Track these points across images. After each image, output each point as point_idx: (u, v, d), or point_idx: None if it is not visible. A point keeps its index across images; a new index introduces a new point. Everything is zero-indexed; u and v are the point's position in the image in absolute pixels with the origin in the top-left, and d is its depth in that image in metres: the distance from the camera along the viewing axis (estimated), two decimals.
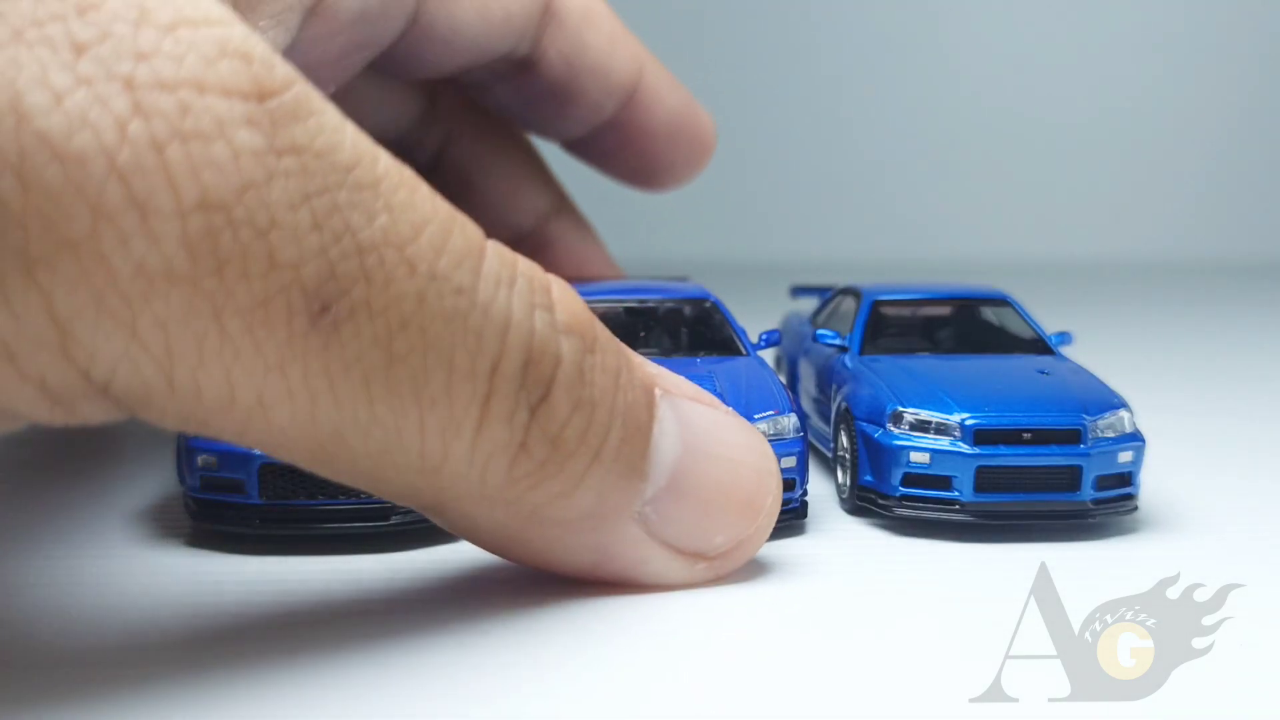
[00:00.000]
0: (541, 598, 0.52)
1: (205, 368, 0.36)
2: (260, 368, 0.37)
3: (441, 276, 0.39)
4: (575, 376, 0.43)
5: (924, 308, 0.79)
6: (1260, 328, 1.45)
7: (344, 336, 0.37)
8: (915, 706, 0.43)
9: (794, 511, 0.62)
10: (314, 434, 0.39)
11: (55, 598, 0.52)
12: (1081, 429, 0.62)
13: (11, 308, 0.34)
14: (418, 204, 0.39)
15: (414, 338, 0.39)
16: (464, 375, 0.40)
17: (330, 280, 0.37)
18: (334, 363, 0.38)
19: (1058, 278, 1.76)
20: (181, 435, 0.60)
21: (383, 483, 0.42)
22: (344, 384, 0.38)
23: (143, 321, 0.35)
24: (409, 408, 0.39)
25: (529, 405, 0.42)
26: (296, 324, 0.37)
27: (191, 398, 0.37)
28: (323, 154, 0.37)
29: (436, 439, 0.40)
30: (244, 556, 0.57)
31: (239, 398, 0.37)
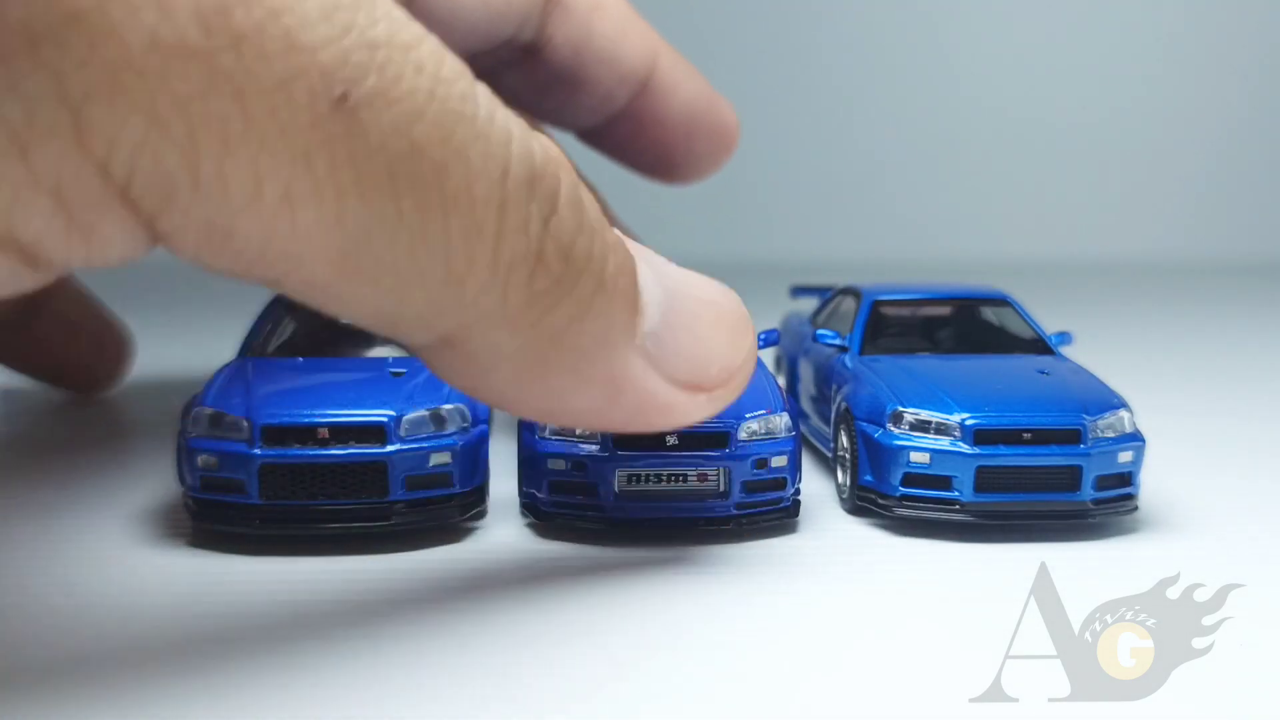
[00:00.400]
0: (541, 597, 0.52)
1: (231, 154, 0.34)
2: (286, 155, 0.35)
3: (446, 81, 0.39)
4: (575, 198, 0.43)
5: (924, 308, 0.79)
6: (1260, 328, 1.45)
7: (365, 122, 0.36)
8: (915, 706, 0.43)
9: (785, 510, 0.62)
10: (340, 237, 0.37)
11: (55, 598, 0.52)
12: (1081, 429, 0.62)
13: (19, 91, 0.32)
14: (411, 24, 0.39)
15: (430, 129, 0.38)
16: (480, 175, 0.39)
17: (345, 67, 0.36)
18: (358, 150, 0.36)
19: (1058, 278, 1.76)
20: (181, 435, 0.60)
21: (405, 304, 0.40)
22: (369, 175, 0.37)
23: (162, 101, 0.33)
24: (434, 204, 0.38)
25: (541, 216, 0.41)
26: (319, 107, 0.35)
27: (218, 193, 0.35)
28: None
29: (461, 241, 0.39)
30: (244, 556, 0.57)
31: (266, 191, 0.35)
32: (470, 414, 0.62)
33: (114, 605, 0.52)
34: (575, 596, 0.53)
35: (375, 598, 0.52)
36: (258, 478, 0.58)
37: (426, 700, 0.42)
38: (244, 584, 0.54)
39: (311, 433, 0.58)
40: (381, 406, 0.60)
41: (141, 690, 0.43)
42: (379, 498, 0.58)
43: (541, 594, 0.53)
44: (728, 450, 0.60)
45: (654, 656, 0.46)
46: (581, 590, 0.53)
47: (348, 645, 0.47)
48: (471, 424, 0.62)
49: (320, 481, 0.58)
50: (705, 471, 0.60)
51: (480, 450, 0.62)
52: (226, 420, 0.59)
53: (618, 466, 0.60)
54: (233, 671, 0.44)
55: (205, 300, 1.55)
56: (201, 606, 0.52)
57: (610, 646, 0.47)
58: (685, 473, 0.60)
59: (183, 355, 1.08)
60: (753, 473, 0.61)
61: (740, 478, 0.60)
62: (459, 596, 0.52)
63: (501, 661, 0.46)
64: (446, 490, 0.60)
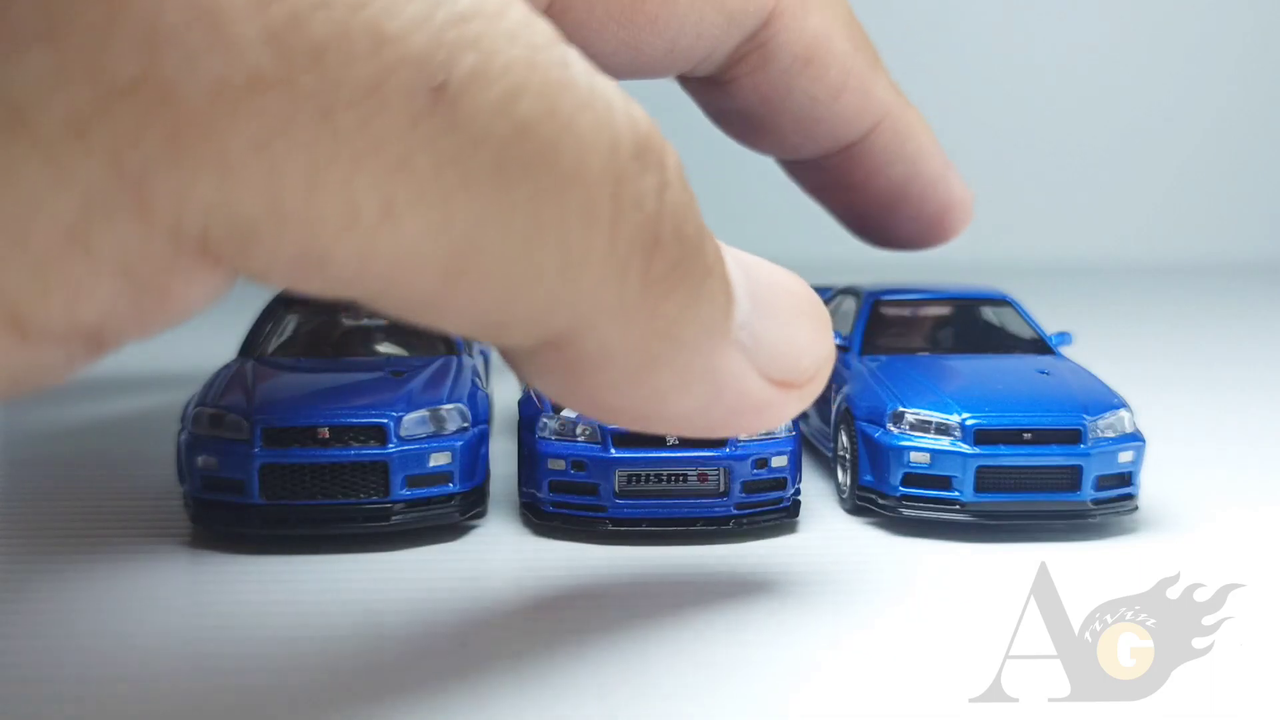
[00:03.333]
0: (541, 597, 0.52)
1: (321, 182, 0.31)
2: (384, 167, 0.32)
3: (542, 48, 0.35)
4: (680, 169, 0.39)
5: (924, 308, 0.79)
6: (1260, 328, 1.45)
7: (467, 111, 0.33)
8: (915, 706, 0.43)
9: (785, 510, 0.62)
10: (449, 242, 0.34)
11: (55, 598, 0.52)
12: (1082, 429, 0.62)
13: (72, 184, 0.29)
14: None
15: (536, 104, 0.34)
16: (591, 149, 0.35)
17: (440, 50, 0.32)
18: (463, 142, 0.33)
19: (1058, 278, 1.76)
20: (181, 435, 0.60)
21: (516, 304, 0.37)
22: (477, 167, 0.33)
23: (234, 148, 0.30)
24: (548, 187, 0.35)
25: (655, 191, 0.37)
26: (417, 103, 0.32)
27: (307, 224, 0.31)
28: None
29: (578, 226, 0.36)
30: (244, 556, 0.57)
31: (363, 210, 0.32)
32: (470, 414, 0.62)
33: (113, 605, 0.52)
34: (575, 596, 0.52)
35: (375, 598, 0.52)
36: (258, 478, 0.58)
37: (426, 699, 0.42)
38: (244, 584, 0.54)
39: (312, 433, 0.58)
40: (382, 406, 0.60)
41: (142, 690, 0.43)
42: (379, 498, 0.58)
43: (541, 594, 0.53)
44: (728, 450, 0.60)
45: (654, 656, 0.46)
46: (581, 590, 0.53)
47: (348, 645, 0.47)
48: (471, 424, 0.62)
49: (321, 481, 0.58)
50: (705, 471, 0.60)
51: (480, 450, 0.62)
52: (227, 420, 0.59)
53: (618, 466, 0.60)
54: (233, 671, 0.44)
55: None
56: (201, 606, 0.52)
57: (610, 646, 0.47)
58: (685, 473, 0.60)
59: (183, 355, 1.08)
60: (753, 473, 0.61)
61: (740, 477, 0.60)
62: (459, 596, 0.52)
63: (501, 661, 0.46)
64: (446, 490, 0.60)
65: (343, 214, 0.32)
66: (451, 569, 0.56)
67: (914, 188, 0.64)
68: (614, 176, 0.36)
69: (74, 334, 0.31)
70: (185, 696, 0.42)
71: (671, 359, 0.41)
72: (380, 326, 0.73)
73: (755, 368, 0.44)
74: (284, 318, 0.72)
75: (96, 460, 0.75)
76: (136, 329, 0.32)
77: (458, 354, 0.70)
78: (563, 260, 0.36)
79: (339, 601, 0.52)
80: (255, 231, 0.31)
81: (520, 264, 0.35)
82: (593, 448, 0.60)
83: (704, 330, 0.41)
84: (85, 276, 0.30)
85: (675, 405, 0.43)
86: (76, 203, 0.29)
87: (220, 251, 0.31)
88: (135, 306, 0.31)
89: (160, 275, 0.31)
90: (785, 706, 0.42)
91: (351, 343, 0.71)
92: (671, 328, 0.40)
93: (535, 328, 0.38)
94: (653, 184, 0.37)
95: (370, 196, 0.32)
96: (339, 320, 0.73)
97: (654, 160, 0.37)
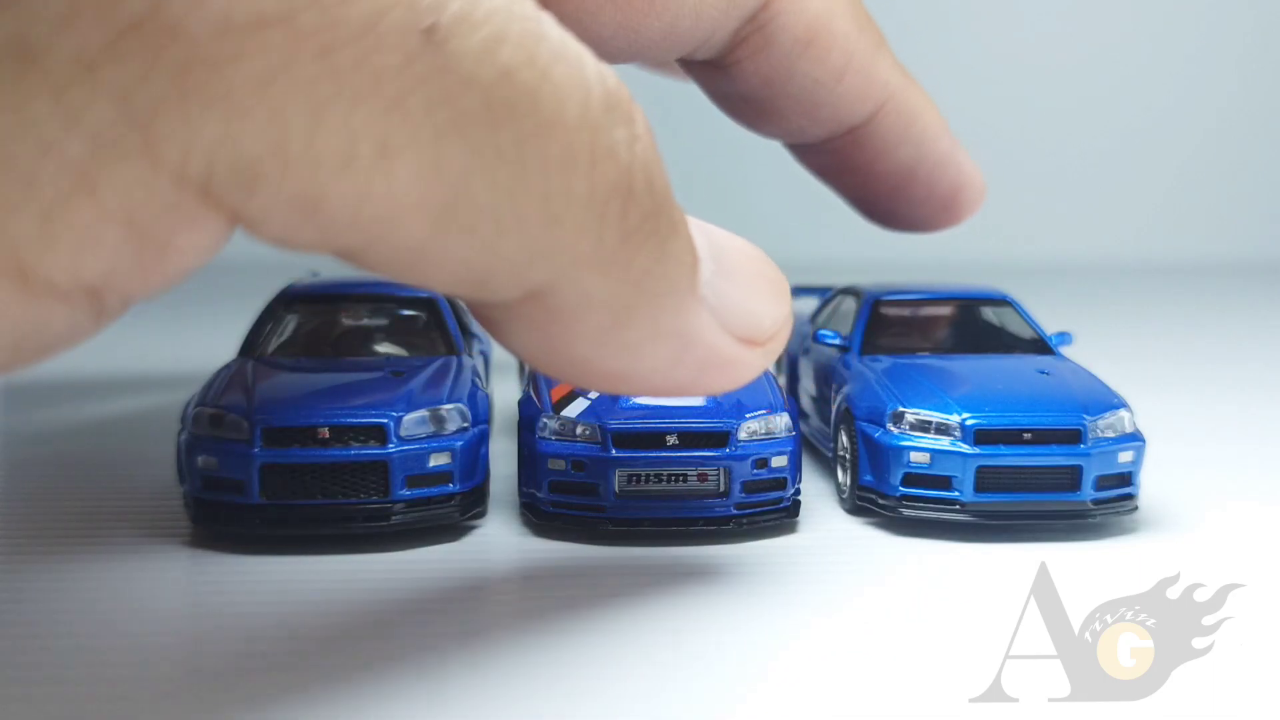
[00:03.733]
0: (541, 597, 0.52)
1: (322, 121, 0.32)
2: (380, 105, 0.33)
3: (518, 2, 0.36)
4: (648, 124, 0.40)
5: (924, 308, 0.79)
6: (1260, 328, 1.45)
7: (456, 54, 0.34)
8: (915, 706, 0.43)
9: (785, 510, 0.62)
10: (440, 185, 0.35)
11: (55, 598, 0.52)
12: (1082, 429, 0.62)
13: (82, 124, 0.29)
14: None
15: (516, 51, 0.35)
16: (568, 97, 0.36)
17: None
18: (453, 84, 0.34)
19: (1058, 278, 1.76)
20: (181, 435, 0.60)
21: (499, 254, 0.38)
22: (466, 110, 0.34)
23: (240, 86, 0.31)
24: (530, 133, 0.36)
25: (627, 142, 0.38)
26: (410, 44, 0.33)
27: (308, 164, 0.32)
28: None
29: (558, 173, 0.37)
30: (244, 556, 0.57)
31: (361, 150, 0.33)
32: (470, 414, 0.62)
33: (113, 605, 0.52)
34: (575, 596, 0.53)
35: (375, 597, 0.52)
36: (258, 478, 0.58)
37: (426, 699, 0.42)
38: (244, 584, 0.54)
39: (312, 433, 0.58)
40: (382, 406, 0.60)
41: (142, 690, 0.43)
42: (379, 497, 0.58)
43: (541, 594, 0.53)
44: (728, 450, 0.60)
45: (653, 656, 0.46)
46: (581, 590, 0.53)
47: (348, 644, 0.47)
48: (471, 424, 0.62)
49: (321, 481, 0.58)
50: (705, 471, 0.60)
51: (480, 450, 0.62)
52: (227, 420, 0.59)
53: (618, 466, 0.60)
54: (233, 671, 0.44)
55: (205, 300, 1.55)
56: (201, 606, 0.52)
57: (610, 646, 0.47)
58: (685, 473, 0.60)
59: (183, 355, 1.08)
60: (753, 473, 0.61)
61: (740, 478, 0.60)
62: (459, 596, 0.52)
63: (501, 660, 0.45)
64: (446, 490, 0.60)
65: (341, 154, 0.32)
66: (451, 569, 0.56)
67: (922, 169, 0.64)
68: (589, 125, 0.37)
69: (77, 290, 0.31)
70: (185, 696, 0.42)
71: (645, 312, 0.42)
72: (380, 326, 0.73)
73: (721, 324, 0.45)
74: (284, 318, 0.72)
75: (96, 460, 0.75)
76: (138, 285, 0.32)
77: (458, 354, 0.70)
78: (545, 208, 0.37)
79: (339, 601, 0.52)
80: (258, 171, 0.32)
81: (505, 211, 0.36)
82: (593, 448, 0.60)
83: (674, 285, 0.42)
84: (92, 223, 0.30)
85: (648, 360, 0.44)
86: (86, 143, 0.30)
87: (221, 194, 0.32)
88: (137, 260, 0.32)
89: (162, 223, 0.31)
90: (785, 706, 0.42)
91: (351, 343, 0.71)
92: (645, 280, 0.41)
93: (517, 279, 0.39)
94: (623, 136, 0.38)
95: (366, 136, 0.33)
96: (339, 320, 0.73)
97: (624, 114, 0.38)
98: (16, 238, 0.30)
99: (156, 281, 0.33)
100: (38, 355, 0.33)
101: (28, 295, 0.30)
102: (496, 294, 0.40)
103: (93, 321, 0.33)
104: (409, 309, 0.74)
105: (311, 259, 1.29)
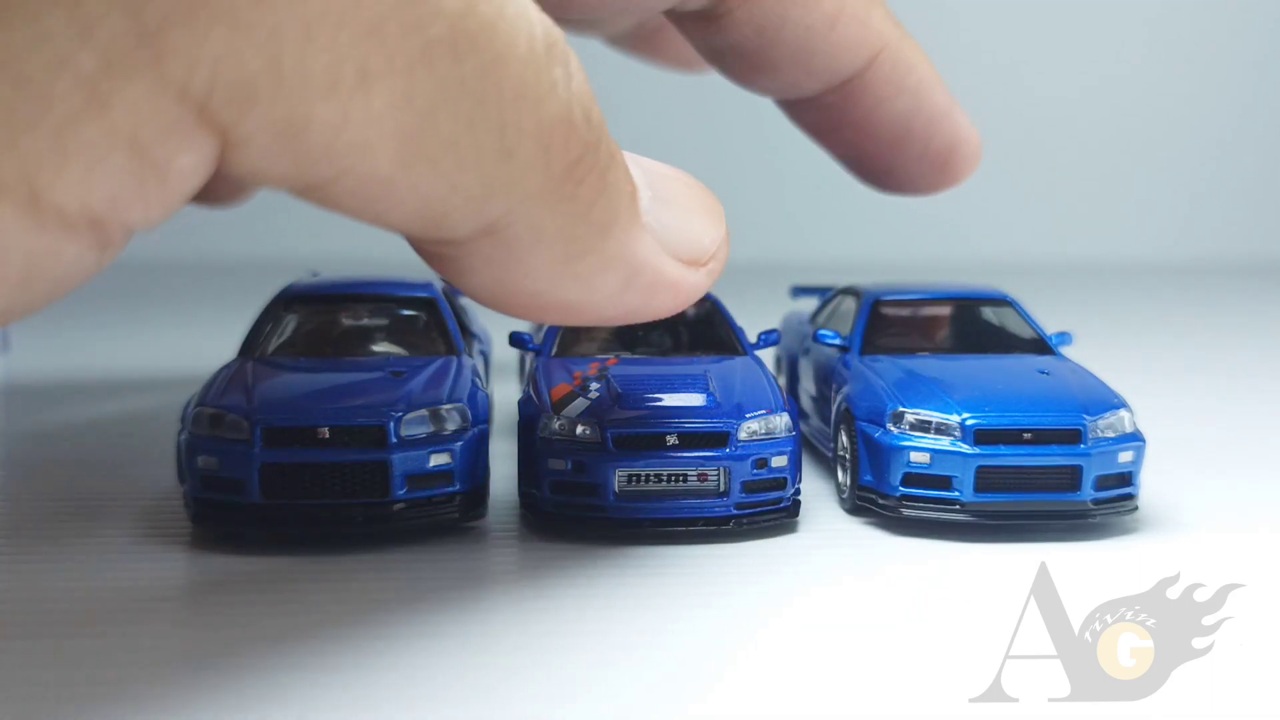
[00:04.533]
0: (541, 597, 0.52)
1: (313, 39, 0.33)
2: (362, 28, 0.34)
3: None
4: (580, 69, 0.42)
5: (924, 308, 0.79)
6: (1260, 328, 1.45)
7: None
8: (915, 706, 0.43)
9: (785, 510, 0.62)
10: (410, 114, 0.36)
11: (55, 598, 0.52)
12: (1082, 429, 0.62)
13: (94, 38, 0.30)
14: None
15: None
16: (518, 33, 0.38)
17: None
18: (424, 14, 0.35)
19: (1058, 278, 1.76)
20: (181, 435, 0.60)
21: (458, 188, 0.39)
22: (435, 39, 0.36)
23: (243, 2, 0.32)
24: (489, 65, 0.37)
25: (566, 78, 0.40)
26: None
27: (299, 84, 0.33)
28: None
29: (512, 106, 0.38)
30: (244, 556, 0.57)
31: (344, 73, 0.34)
32: (470, 414, 0.62)
33: (114, 605, 0.52)
34: (575, 596, 0.53)
35: (375, 597, 0.52)
36: (258, 478, 0.58)
37: (426, 699, 0.42)
38: (244, 584, 0.54)
39: (312, 433, 0.58)
40: (382, 407, 0.60)
41: (141, 690, 0.43)
42: (379, 498, 0.58)
43: (541, 594, 0.53)
44: (728, 450, 0.61)
45: (653, 656, 0.46)
46: (581, 590, 0.53)
47: (348, 645, 0.47)
48: (471, 424, 0.62)
49: (321, 481, 0.58)
50: (705, 471, 0.60)
51: (480, 450, 0.62)
52: (227, 420, 0.59)
53: (618, 466, 0.60)
54: (233, 671, 0.44)
55: (205, 300, 1.55)
56: (201, 606, 0.52)
57: (610, 646, 0.47)
58: (685, 473, 0.60)
59: (183, 355, 1.08)
60: (753, 473, 0.61)
61: (740, 478, 0.60)
62: (459, 596, 0.52)
63: (501, 661, 0.46)
64: (446, 490, 0.60)
65: (328, 75, 0.34)
66: (451, 569, 0.56)
67: (917, 123, 0.63)
68: (535, 62, 0.39)
69: (83, 221, 0.32)
70: (185, 696, 0.42)
71: (593, 242, 0.43)
72: (380, 326, 0.73)
73: (664, 248, 0.47)
74: (284, 318, 0.72)
75: (96, 460, 0.75)
76: (141, 212, 0.33)
77: (458, 354, 0.70)
78: (500, 141, 0.38)
79: (339, 601, 0.52)
80: (253, 90, 0.33)
81: (465, 144, 0.38)
82: (593, 448, 0.60)
83: (617, 214, 0.44)
84: (100, 143, 0.31)
85: (599, 289, 0.45)
86: (99, 58, 0.30)
87: (216, 113, 0.32)
88: (140, 184, 0.32)
89: (164, 144, 0.32)
90: (785, 706, 0.42)
91: (351, 343, 0.71)
92: (590, 211, 0.42)
93: (474, 214, 0.40)
94: (561, 74, 0.40)
95: (350, 58, 0.34)
96: (339, 320, 0.73)
97: (560, 54, 0.40)
98: (28, 157, 0.30)
99: (157, 209, 0.33)
100: (48, 291, 0.33)
101: (38, 223, 0.31)
102: (453, 230, 0.41)
103: (97, 256, 0.33)
104: (409, 309, 0.74)
105: (309, 258, 1.29)
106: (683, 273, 0.48)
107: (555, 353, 0.71)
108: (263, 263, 1.58)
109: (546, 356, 0.70)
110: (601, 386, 0.64)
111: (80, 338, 1.26)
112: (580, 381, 0.64)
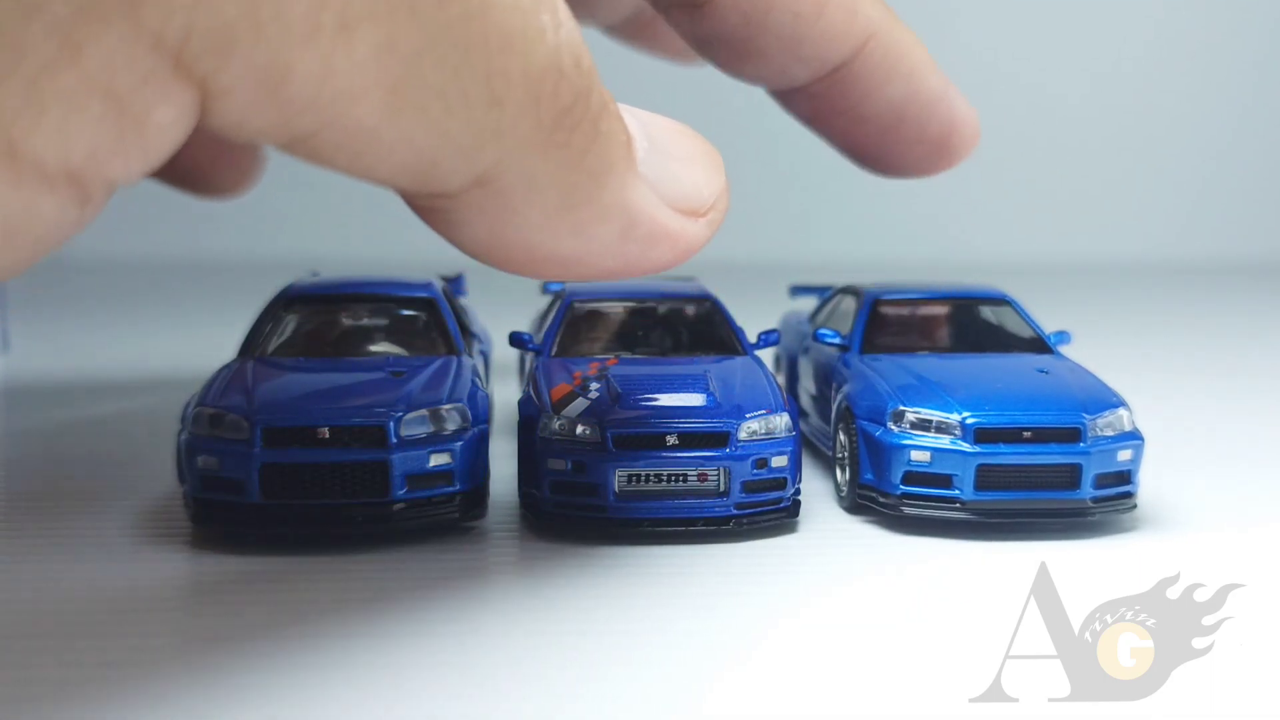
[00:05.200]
0: (541, 597, 0.53)
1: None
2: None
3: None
4: (569, 14, 0.41)
5: (924, 307, 0.79)
6: (1260, 328, 1.45)
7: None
8: (915, 706, 0.43)
9: (785, 510, 0.62)
10: (395, 63, 0.36)
11: (55, 598, 0.52)
12: (1081, 427, 0.62)
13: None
14: None
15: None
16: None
17: None
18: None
19: (1058, 278, 1.76)
20: (181, 435, 0.60)
21: (447, 138, 0.39)
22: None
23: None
24: (472, 10, 0.37)
25: (554, 25, 0.40)
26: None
27: (278, 31, 0.33)
28: None
29: (499, 53, 0.38)
30: (244, 556, 0.57)
31: (325, 20, 0.34)
32: (470, 414, 0.62)
33: (114, 605, 0.52)
34: (575, 596, 0.53)
35: (375, 597, 0.52)
36: (258, 478, 0.58)
37: (426, 699, 0.42)
38: (244, 584, 0.54)
39: (312, 433, 0.58)
40: (382, 406, 0.60)
41: (141, 690, 0.43)
42: (379, 498, 0.58)
43: (541, 594, 0.53)
44: (728, 450, 0.61)
45: (653, 656, 0.46)
46: (581, 590, 0.53)
47: (348, 644, 0.47)
48: (471, 424, 0.62)
49: (321, 482, 0.58)
50: (705, 471, 0.60)
51: (480, 450, 0.62)
52: (227, 420, 0.59)
53: (618, 466, 0.60)
54: (232, 671, 0.44)
55: (205, 300, 1.55)
56: (201, 606, 0.52)
57: (610, 646, 0.47)
58: (685, 473, 0.60)
59: (183, 355, 1.08)
60: (753, 472, 0.61)
61: (740, 477, 0.60)
62: (459, 596, 0.52)
63: (501, 661, 0.46)
64: (446, 490, 0.60)
65: (307, 21, 0.33)
66: (451, 569, 0.56)
67: (912, 107, 0.62)
68: (520, 8, 0.38)
69: (61, 175, 0.31)
70: (185, 696, 0.42)
71: (589, 191, 0.43)
72: (380, 326, 0.73)
73: (662, 198, 0.46)
74: (284, 318, 0.72)
75: (97, 460, 0.75)
76: (121, 166, 0.33)
77: (458, 354, 0.70)
78: (488, 88, 0.38)
79: (338, 601, 0.52)
80: (231, 37, 0.32)
81: (452, 92, 0.37)
82: (593, 448, 0.60)
83: (613, 162, 0.43)
84: (76, 93, 0.30)
85: (597, 240, 0.44)
86: (71, 5, 0.30)
87: (193, 63, 0.32)
88: (118, 137, 0.32)
89: (140, 95, 0.32)
90: (786, 706, 0.42)
91: (351, 343, 0.71)
92: (584, 159, 0.42)
93: (465, 164, 0.40)
94: (549, 20, 0.39)
95: (329, 5, 0.33)
96: (339, 320, 0.73)
97: (547, 0, 0.40)
98: (3, 108, 0.30)
99: (137, 163, 0.33)
100: (31, 249, 0.33)
101: (16, 177, 0.31)
102: (444, 183, 0.40)
103: (78, 211, 0.33)
104: (409, 309, 0.74)
105: (309, 258, 1.29)
106: (682, 223, 0.47)
107: (555, 353, 0.71)
108: (263, 263, 1.58)
109: (546, 356, 0.70)
110: (601, 386, 0.64)
111: (80, 338, 1.26)
112: (580, 381, 0.64)
